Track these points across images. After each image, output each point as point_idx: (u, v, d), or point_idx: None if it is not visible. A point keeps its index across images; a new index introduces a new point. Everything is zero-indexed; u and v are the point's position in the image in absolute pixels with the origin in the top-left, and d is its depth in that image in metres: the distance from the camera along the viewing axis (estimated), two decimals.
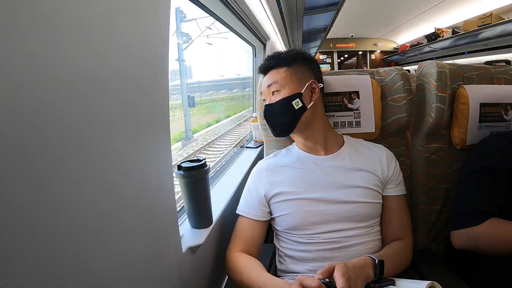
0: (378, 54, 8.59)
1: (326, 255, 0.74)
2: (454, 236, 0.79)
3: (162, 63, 0.53)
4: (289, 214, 0.77)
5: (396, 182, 0.82)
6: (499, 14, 3.78)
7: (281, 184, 0.79)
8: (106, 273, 0.41)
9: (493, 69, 0.95)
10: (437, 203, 0.94)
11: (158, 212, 0.54)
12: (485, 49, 4.32)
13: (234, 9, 1.24)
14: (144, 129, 0.49)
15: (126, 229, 0.45)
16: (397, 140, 0.96)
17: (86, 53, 0.36)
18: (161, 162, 0.54)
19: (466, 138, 0.90)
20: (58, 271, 0.33)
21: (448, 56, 5.43)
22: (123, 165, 0.44)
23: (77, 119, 0.35)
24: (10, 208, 0.28)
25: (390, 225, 0.80)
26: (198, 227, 0.74)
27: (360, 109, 0.91)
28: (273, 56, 0.83)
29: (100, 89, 0.39)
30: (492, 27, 3.59)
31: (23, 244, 0.29)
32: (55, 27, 0.31)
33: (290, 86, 0.78)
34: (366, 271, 0.62)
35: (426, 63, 0.93)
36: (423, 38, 5.85)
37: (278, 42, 2.83)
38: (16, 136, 0.28)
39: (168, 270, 0.59)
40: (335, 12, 2.68)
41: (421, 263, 0.82)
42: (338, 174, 0.79)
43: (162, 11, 0.51)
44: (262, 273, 0.67)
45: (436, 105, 0.89)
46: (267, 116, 0.82)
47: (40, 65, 0.30)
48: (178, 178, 0.70)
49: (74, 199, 0.35)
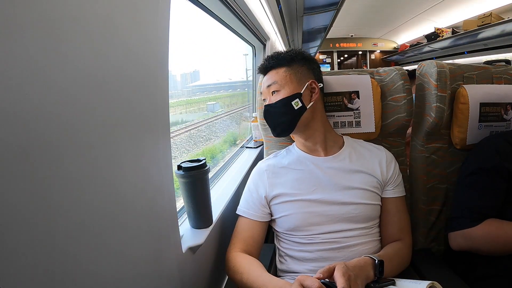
0: (378, 54, 8.58)
1: (326, 255, 0.74)
2: (451, 238, 0.80)
3: (162, 64, 0.53)
4: (290, 216, 0.77)
5: (395, 184, 0.82)
6: (499, 14, 3.78)
7: (281, 186, 0.79)
8: (106, 273, 0.41)
9: (493, 68, 0.95)
10: (437, 203, 0.94)
11: (158, 212, 0.54)
12: (485, 49, 4.31)
13: (233, 9, 1.24)
14: (144, 129, 0.49)
15: (126, 229, 0.45)
16: (397, 140, 0.96)
17: (86, 53, 0.36)
18: (161, 162, 0.54)
19: (466, 138, 0.90)
20: (58, 271, 0.33)
21: (448, 56, 5.43)
22: (123, 165, 0.44)
23: (76, 119, 0.35)
24: (10, 208, 0.28)
25: (389, 226, 0.80)
26: (198, 227, 0.74)
27: (360, 109, 0.91)
28: (272, 56, 0.83)
29: (100, 89, 0.39)
30: (492, 27, 3.59)
31: (23, 244, 0.29)
32: (55, 27, 0.31)
33: (289, 86, 0.78)
34: (366, 271, 0.62)
35: (426, 63, 0.93)
36: (423, 38, 5.85)
37: (278, 42, 2.83)
38: (15, 136, 0.28)
39: (168, 270, 0.59)
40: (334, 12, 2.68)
41: (421, 263, 0.83)
42: (338, 175, 0.79)
43: (162, 12, 0.51)
44: (262, 273, 0.67)
45: (436, 105, 0.89)
46: (266, 116, 0.82)
47: (39, 65, 0.30)
48: (178, 178, 0.70)
49: (73, 199, 0.35)
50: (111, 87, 0.41)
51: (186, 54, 1.38)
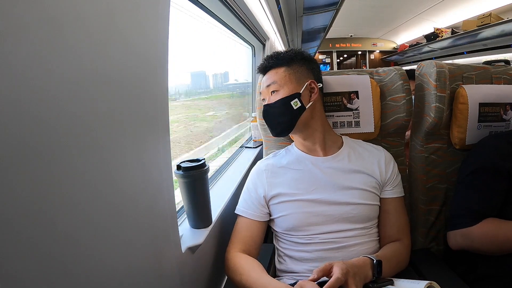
0: (377, 54, 8.59)
1: (325, 256, 0.74)
2: (450, 237, 0.80)
3: (162, 63, 0.53)
4: (288, 215, 0.77)
5: (394, 184, 0.82)
6: (498, 14, 3.79)
7: (280, 186, 0.79)
8: (105, 273, 0.41)
9: (492, 69, 0.95)
10: (436, 203, 0.94)
11: (158, 212, 0.54)
12: (484, 49, 4.32)
13: (233, 9, 1.24)
14: (144, 129, 0.49)
15: (125, 228, 0.45)
16: (396, 139, 0.96)
17: (86, 52, 0.36)
18: (161, 162, 0.54)
19: (465, 138, 0.90)
20: (58, 270, 0.33)
21: (447, 56, 5.44)
22: (122, 164, 0.44)
23: (76, 118, 0.35)
24: (10, 207, 0.28)
25: (388, 227, 0.80)
26: (198, 227, 0.74)
27: (360, 109, 0.91)
28: (272, 56, 0.83)
29: (100, 88, 0.38)
30: (491, 27, 3.60)
31: (22, 244, 0.29)
32: (55, 26, 0.31)
33: (289, 86, 0.78)
34: (365, 271, 0.62)
35: (425, 63, 0.93)
36: (422, 38, 5.86)
37: (277, 42, 2.83)
38: (16, 135, 0.28)
39: (168, 270, 0.58)
40: (334, 12, 2.68)
41: (420, 262, 0.83)
42: (337, 175, 0.79)
43: (162, 11, 0.51)
44: (262, 275, 0.67)
45: (435, 105, 0.89)
46: (266, 116, 0.82)
47: (40, 64, 0.30)
48: (177, 178, 0.70)
49: (72, 199, 0.35)
50: (111, 86, 0.41)
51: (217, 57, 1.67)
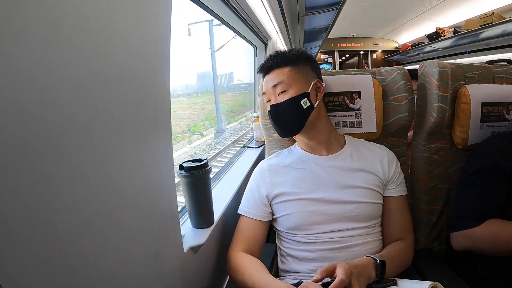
0: (379, 54, 8.56)
1: (328, 255, 0.74)
2: (453, 238, 0.79)
3: (163, 63, 0.53)
4: (291, 214, 0.77)
5: (397, 183, 0.82)
6: (501, 14, 3.76)
7: (283, 185, 0.79)
8: (107, 273, 0.41)
9: (494, 68, 0.95)
10: (438, 203, 0.94)
11: (160, 211, 0.54)
12: (487, 49, 4.30)
13: (235, 9, 1.24)
14: (146, 128, 0.49)
15: (127, 228, 0.45)
16: (398, 139, 0.96)
17: (87, 52, 0.36)
18: (163, 162, 0.55)
19: (467, 138, 0.89)
20: (59, 270, 0.33)
21: (450, 55, 5.42)
22: (124, 164, 0.44)
23: (77, 118, 0.35)
24: (10, 207, 0.28)
25: (391, 226, 0.80)
26: (200, 227, 0.74)
27: (362, 109, 0.91)
28: (276, 55, 0.82)
29: (102, 88, 0.39)
30: (494, 27, 3.58)
31: (23, 243, 0.29)
32: (55, 26, 0.32)
33: (297, 86, 0.78)
34: (368, 271, 0.62)
35: (427, 62, 0.93)
36: (425, 38, 5.83)
37: (279, 42, 2.83)
38: (17, 135, 0.28)
39: (170, 270, 0.59)
40: (336, 12, 2.68)
41: (422, 263, 0.82)
42: (340, 174, 0.79)
43: (164, 11, 0.51)
44: (264, 275, 0.67)
45: (437, 104, 0.88)
46: (274, 116, 0.80)
47: (40, 64, 0.30)
48: (179, 177, 0.70)
49: (74, 199, 0.35)
50: (113, 86, 0.41)
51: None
